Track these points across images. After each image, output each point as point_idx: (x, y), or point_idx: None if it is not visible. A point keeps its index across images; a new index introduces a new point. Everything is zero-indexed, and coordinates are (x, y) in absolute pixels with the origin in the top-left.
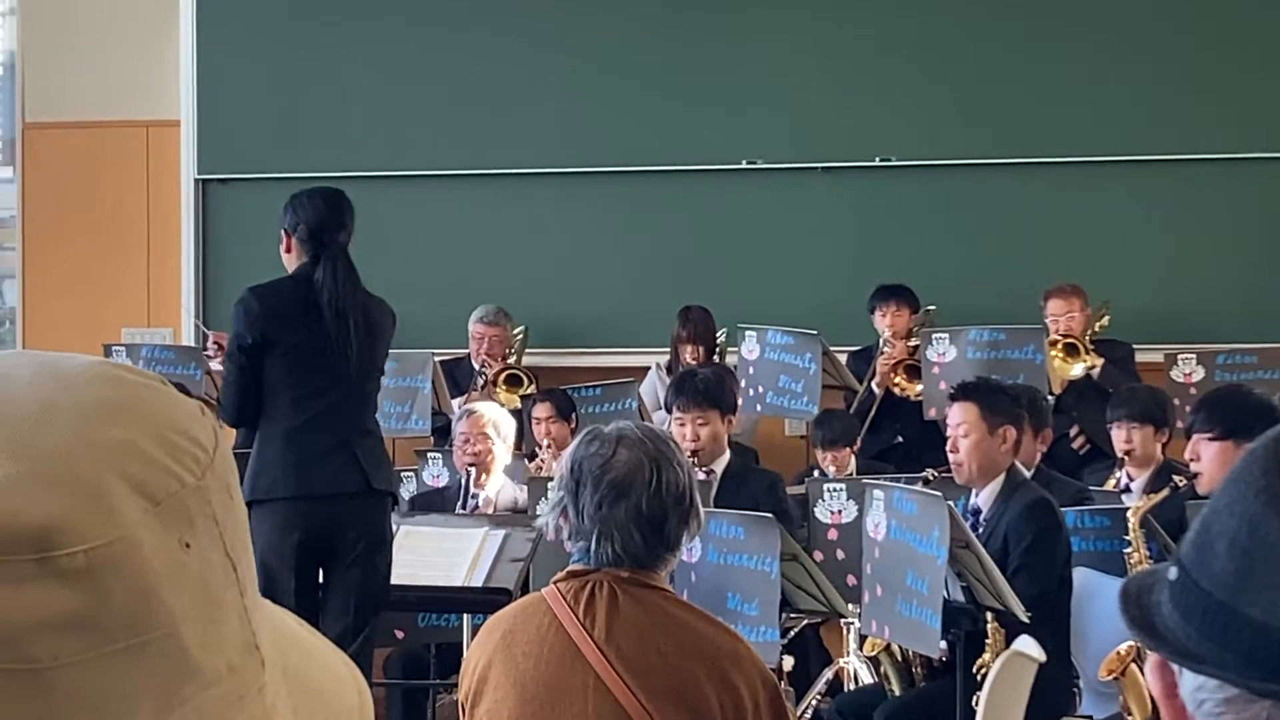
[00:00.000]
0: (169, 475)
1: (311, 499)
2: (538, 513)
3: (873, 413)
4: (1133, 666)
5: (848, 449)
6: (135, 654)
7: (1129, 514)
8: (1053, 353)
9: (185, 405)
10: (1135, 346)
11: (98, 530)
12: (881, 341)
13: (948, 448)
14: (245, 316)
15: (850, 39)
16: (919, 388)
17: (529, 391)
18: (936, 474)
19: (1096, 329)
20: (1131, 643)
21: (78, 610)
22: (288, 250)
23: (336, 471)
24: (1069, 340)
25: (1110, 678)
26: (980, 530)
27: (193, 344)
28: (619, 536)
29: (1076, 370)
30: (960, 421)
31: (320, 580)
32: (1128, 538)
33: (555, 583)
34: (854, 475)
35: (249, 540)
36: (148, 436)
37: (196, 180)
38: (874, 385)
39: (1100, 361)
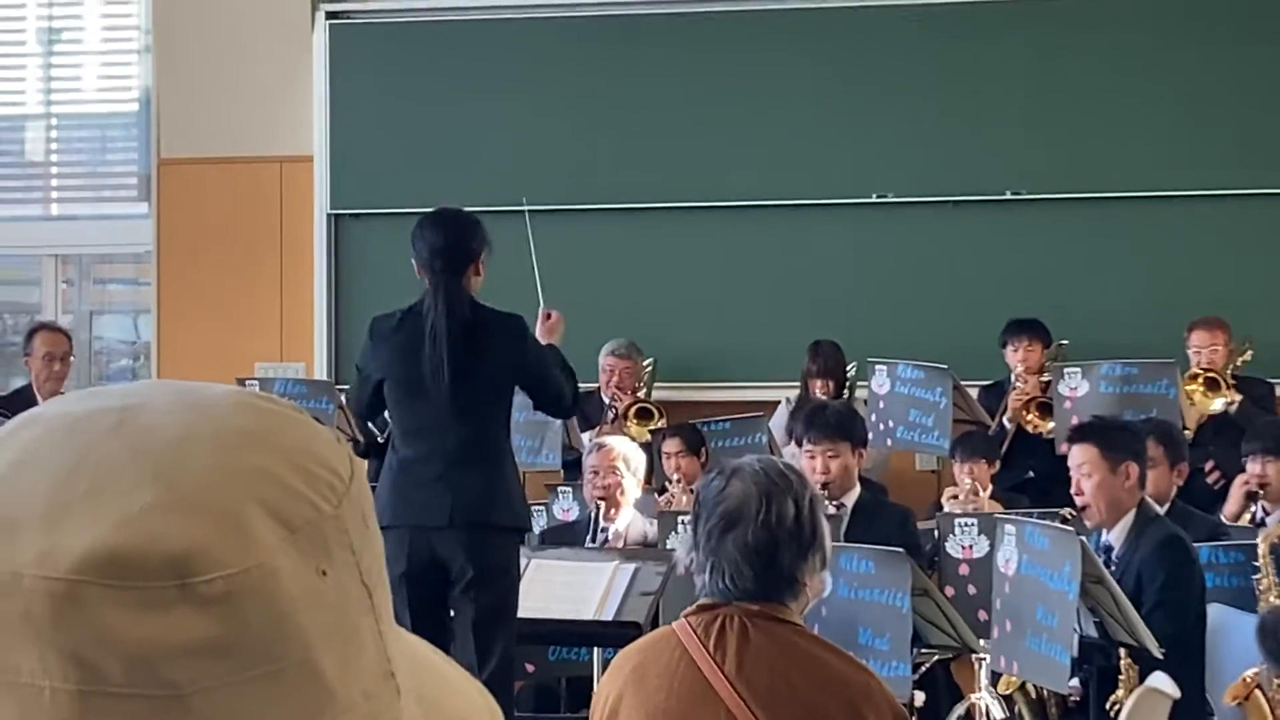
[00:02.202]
0: (306, 503)
1: (409, 529)
2: (668, 546)
3: (1005, 448)
4: (1256, 692)
5: (985, 462)
6: (272, 680)
7: (1259, 540)
8: (1192, 386)
9: (322, 434)
10: (1271, 380)
11: (236, 557)
12: (1013, 376)
13: (1071, 490)
14: (363, 345)
15: (979, 72)
16: (1051, 425)
17: (659, 425)
18: (1073, 514)
19: (1238, 364)
20: (1256, 669)
21: (216, 636)
22: (420, 276)
23: (428, 503)
24: (1210, 374)
25: (1235, 703)
26: (1113, 568)
27: (325, 378)
28: (727, 568)
29: (1216, 405)
30: (1081, 462)
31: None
32: (1257, 563)
33: (685, 616)
34: (988, 501)
35: (384, 568)
36: (285, 464)
37: (329, 215)
38: (1005, 420)
39: (1239, 398)
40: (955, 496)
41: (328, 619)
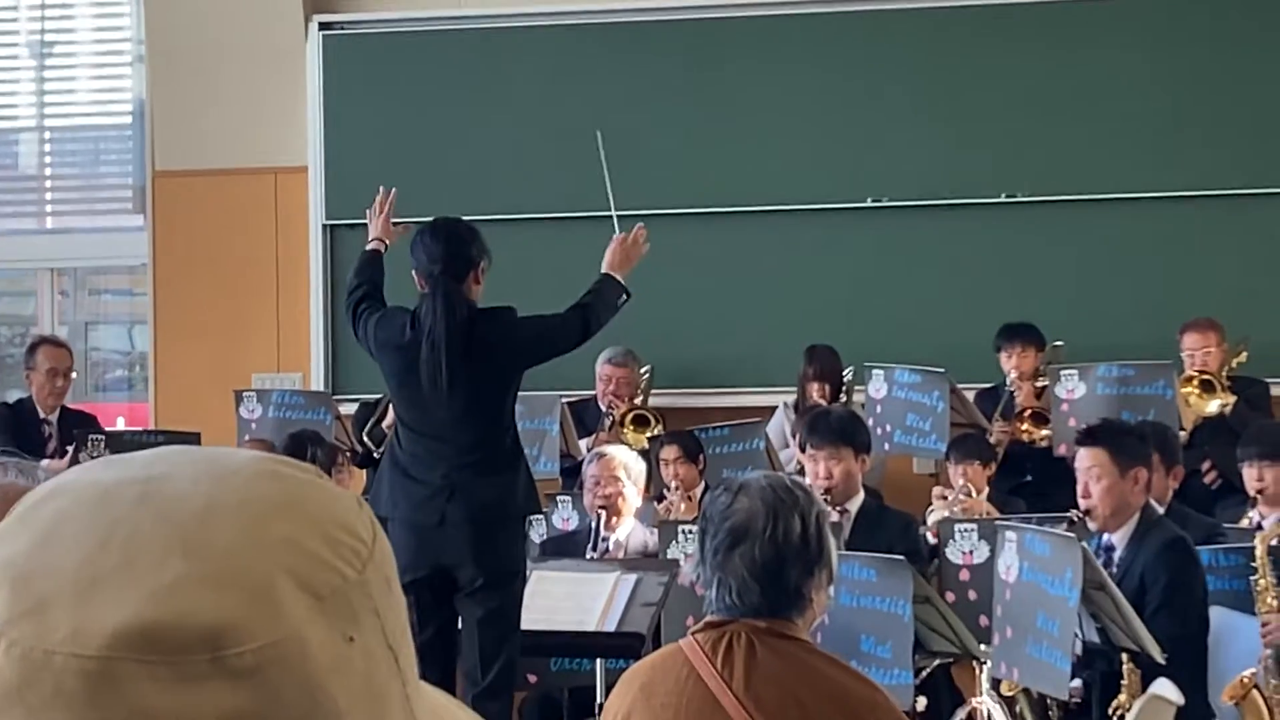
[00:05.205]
0: (332, 571)
1: (411, 528)
2: (669, 556)
3: (1001, 454)
4: (1254, 692)
5: (980, 464)
6: None
7: (1256, 542)
8: (1188, 389)
9: (344, 499)
10: (1269, 381)
11: (266, 629)
12: (1008, 381)
13: (1079, 493)
14: (368, 323)
15: (972, 76)
16: (1044, 432)
17: (656, 432)
18: (1080, 516)
19: (1234, 365)
20: (1253, 670)
21: (248, 708)
22: (421, 289)
23: (430, 506)
24: (1205, 376)
25: (1232, 703)
26: (1114, 569)
27: (322, 389)
28: (734, 584)
29: (1212, 407)
30: (1091, 465)
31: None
32: (1254, 564)
33: (693, 634)
34: (987, 504)
35: (409, 629)
36: (310, 532)
37: (324, 225)
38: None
39: (1234, 399)
40: (944, 496)
41: (356, 685)
